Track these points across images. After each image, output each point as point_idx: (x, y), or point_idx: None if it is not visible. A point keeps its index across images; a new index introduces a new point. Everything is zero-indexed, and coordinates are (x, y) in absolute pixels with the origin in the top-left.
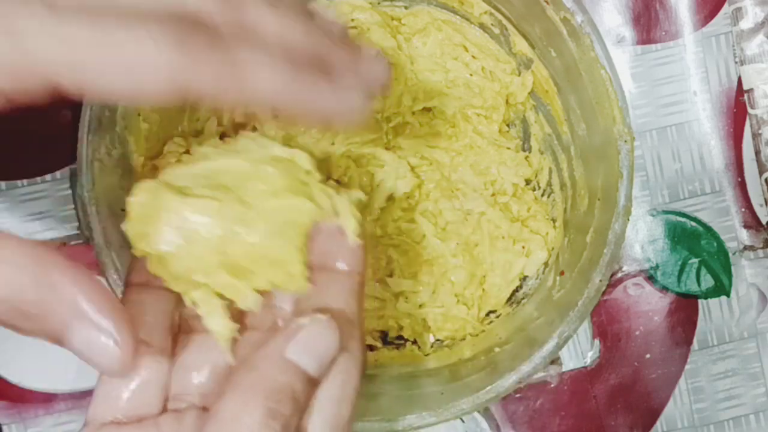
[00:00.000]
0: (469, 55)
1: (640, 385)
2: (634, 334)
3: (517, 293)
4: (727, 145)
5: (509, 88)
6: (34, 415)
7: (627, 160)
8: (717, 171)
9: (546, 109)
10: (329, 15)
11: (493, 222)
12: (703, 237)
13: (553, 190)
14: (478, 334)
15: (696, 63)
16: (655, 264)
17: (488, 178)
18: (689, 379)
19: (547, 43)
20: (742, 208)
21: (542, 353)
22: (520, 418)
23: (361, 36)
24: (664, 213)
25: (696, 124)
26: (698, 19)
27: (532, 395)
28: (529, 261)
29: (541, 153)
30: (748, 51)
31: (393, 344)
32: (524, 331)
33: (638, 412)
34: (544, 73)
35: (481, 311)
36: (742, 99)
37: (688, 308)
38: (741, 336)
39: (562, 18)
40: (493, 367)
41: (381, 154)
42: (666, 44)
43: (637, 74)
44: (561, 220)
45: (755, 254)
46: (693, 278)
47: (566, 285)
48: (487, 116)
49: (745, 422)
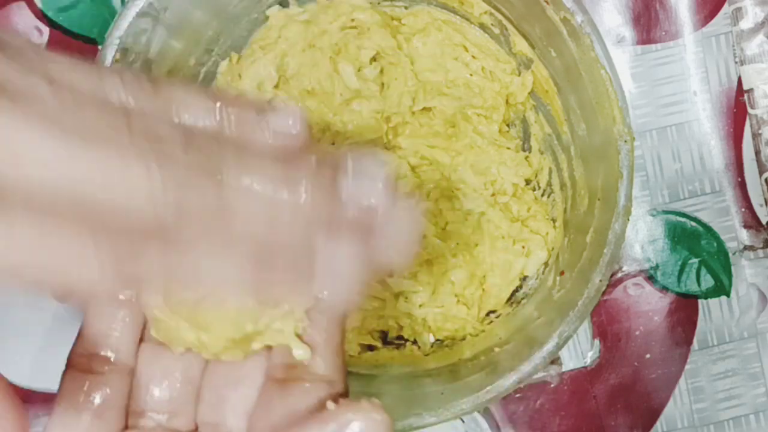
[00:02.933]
0: (469, 55)
1: (640, 385)
2: (634, 334)
3: (517, 293)
4: (727, 145)
5: (509, 88)
6: (34, 415)
7: (627, 160)
8: (717, 171)
9: (546, 109)
10: (371, 168)
11: (493, 222)
12: (703, 237)
13: (553, 190)
14: (478, 334)
15: (696, 63)
16: (655, 264)
17: (488, 178)
18: (689, 379)
19: (547, 43)
20: (742, 208)
21: (542, 353)
22: (520, 418)
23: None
24: (664, 213)
25: (696, 124)
26: (698, 19)
27: (532, 395)
28: (529, 261)
29: (541, 153)
30: (748, 51)
31: (393, 344)
32: (524, 331)
33: (638, 412)
34: (544, 73)
35: (481, 311)
36: (742, 99)
37: (688, 308)
38: (741, 336)
39: (562, 18)
40: (493, 367)
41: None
42: (666, 44)
43: (637, 74)
44: (561, 220)
45: (755, 254)
46: (693, 278)
47: (566, 285)
48: (487, 116)
49: (745, 422)
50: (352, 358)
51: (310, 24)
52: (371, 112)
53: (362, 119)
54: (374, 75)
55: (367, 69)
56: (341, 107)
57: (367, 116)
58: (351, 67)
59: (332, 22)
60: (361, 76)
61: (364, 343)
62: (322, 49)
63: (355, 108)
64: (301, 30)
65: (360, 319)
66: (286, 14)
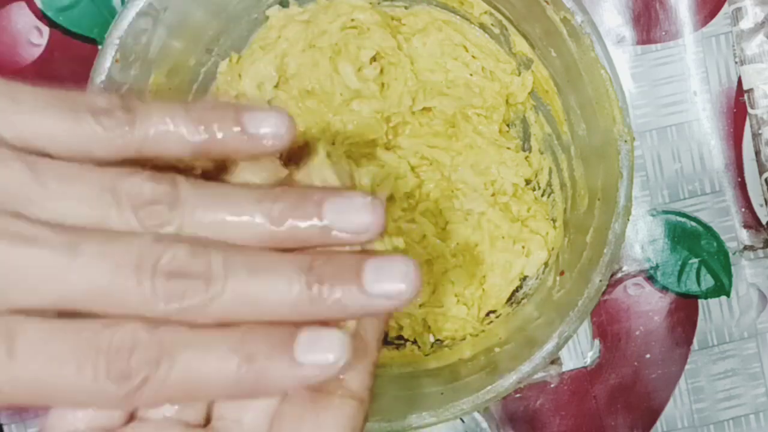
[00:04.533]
0: (469, 55)
1: (640, 385)
2: (634, 334)
3: (517, 293)
4: (727, 145)
5: (509, 88)
6: (34, 415)
7: (627, 160)
8: (717, 171)
9: (546, 109)
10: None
11: (493, 222)
12: (703, 237)
13: (553, 190)
14: (478, 334)
15: (696, 63)
16: (655, 264)
17: (488, 178)
18: (689, 379)
19: (547, 43)
20: (742, 208)
21: (542, 353)
22: (520, 418)
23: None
24: (664, 213)
25: (696, 124)
26: (698, 19)
27: (532, 395)
28: (529, 261)
29: (541, 153)
30: (748, 51)
31: (393, 344)
32: (524, 331)
33: (638, 412)
34: (544, 73)
35: (481, 311)
36: (742, 99)
37: (688, 308)
38: (741, 336)
39: (562, 18)
40: (493, 367)
41: (381, 154)
42: (666, 44)
43: (637, 74)
44: (561, 220)
45: (755, 254)
46: (693, 278)
47: (566, 285)
48: (487, 116)
49: (745, 422)
50: None
51: (310, 24)
52: (371, 112)
53: (362, 119)
54: (374, 75)
55: (367, 69)
56: (341, 107)
57: (367, 116)
58: (351, 67)
59: (332, 22)
60: (361, 76)
61: None
62: (322, 49)
63: (355, 108)
64: (301, 30)
65: None
66: (286, 14)
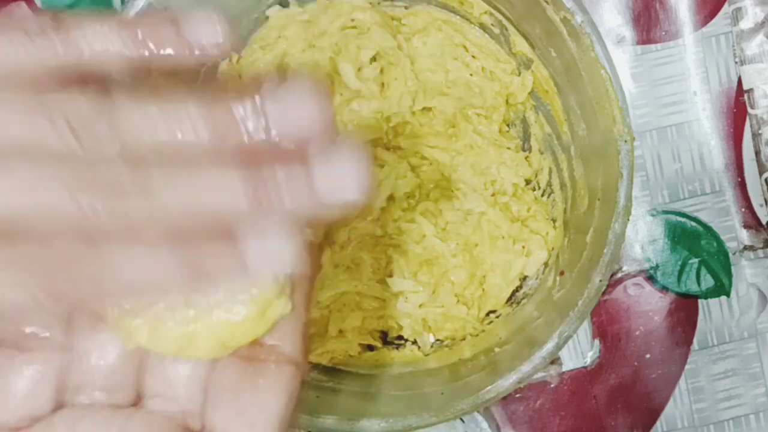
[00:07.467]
0: (469, 55)
1: (640, 385)
2: (634, 334)
3: (517, 293)
4: (727, 145)
5: (509, 88)
6: None
7: (627, 160)
8: (717, 171)
9: (546, 109)
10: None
11: (493, 222)
12: (703, 237)
13: (553, 190)
14: (478, 334)
15: (696, 63)
16: (655, 264)
17: (488, 178)
18: (689, 379)
19: (547, 43)
20: (742, 208)
21: (542, 353)
22: (520, 418)
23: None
24: (664, 213)
25: (696, 124)
26: (698, 19)
27: (532, 395)
28: (529, 261)
29: (541, 153)
30: (748, 51)
31: (393, 344)
32: (524, 331)
33: (638, 412)
34: (544, 73)
35: (481, 311)
36: (742, 99)
37: (688, 308)
38: (741, 336)
39: (562, 18)
40: (493, 367)
41: (381, 154)
42: (666, 44)
43: (637, 74)
44: (561, 220)
45: (755, 254)
46: (693, 278)
47: (566, 285)
48: (487, 116)
49: (745, 422)
50: (352, 358)
51: (310, 24)
52: (371, 112)
53: (362, 119)
54: (374, 75)
55: (367, 69)
56: (341, 107)
57: (367, 116)
58: (351, 67)
59: (332, 22)
60: (361, 76)
61: (364, 343)
62: (322, 49)
63: (355, 108)
64: (301, 30)
65: (360, 319)
66: (286, 14)
